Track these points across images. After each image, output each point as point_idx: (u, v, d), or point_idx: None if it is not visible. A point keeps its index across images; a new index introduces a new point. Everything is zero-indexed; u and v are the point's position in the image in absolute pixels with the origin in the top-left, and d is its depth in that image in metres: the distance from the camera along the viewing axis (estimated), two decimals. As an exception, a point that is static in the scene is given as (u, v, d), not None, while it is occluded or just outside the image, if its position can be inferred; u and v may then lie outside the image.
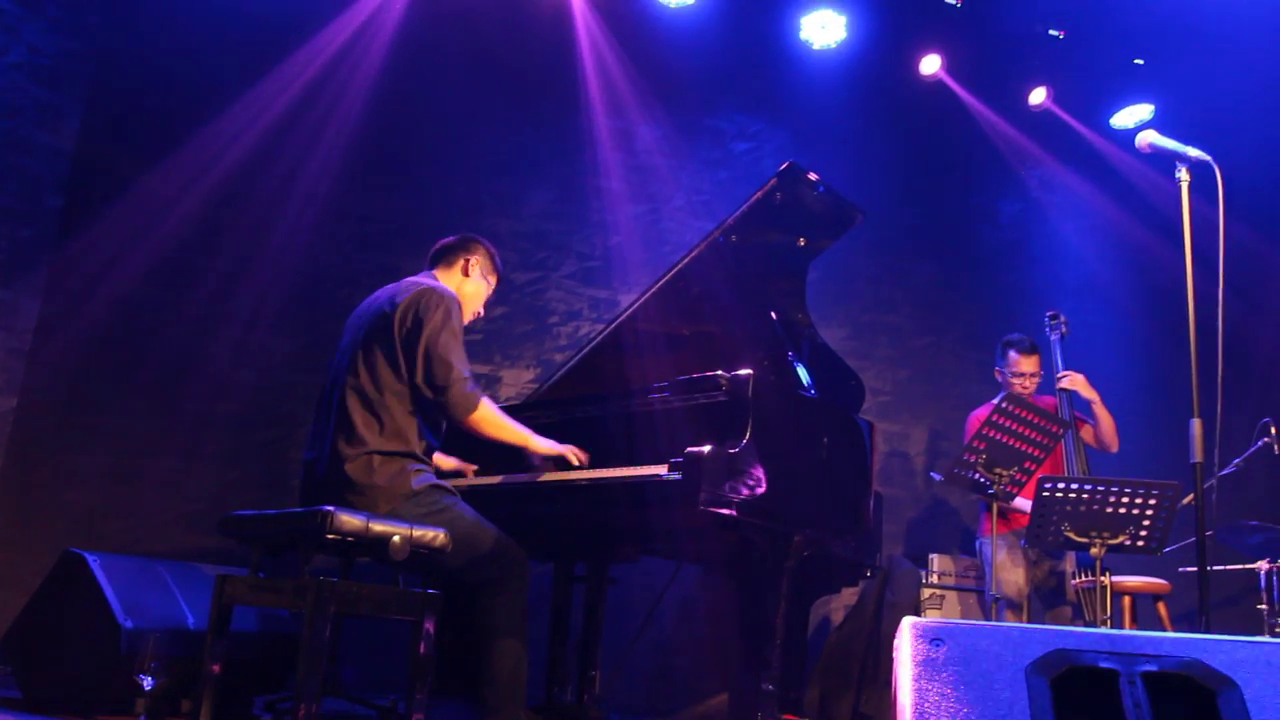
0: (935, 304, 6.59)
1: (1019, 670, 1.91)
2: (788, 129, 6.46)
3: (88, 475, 4.88)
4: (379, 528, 2.89)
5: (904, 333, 6.49)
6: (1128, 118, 6.61)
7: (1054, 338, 5.01)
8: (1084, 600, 4.60)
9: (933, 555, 5.22)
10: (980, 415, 4.70)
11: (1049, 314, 5.08)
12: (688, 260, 3.92)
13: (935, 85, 6.55)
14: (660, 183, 6.16)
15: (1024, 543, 4.60)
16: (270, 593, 3.03)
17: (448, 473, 3.73)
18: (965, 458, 4.04)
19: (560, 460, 3.45)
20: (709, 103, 6.39)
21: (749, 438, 3.17)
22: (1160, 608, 4.79)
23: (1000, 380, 5.01)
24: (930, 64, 6.47)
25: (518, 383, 5.64)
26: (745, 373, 3.27)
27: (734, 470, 3.11)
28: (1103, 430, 4.89)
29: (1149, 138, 3.47)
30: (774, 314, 3.94)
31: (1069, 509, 3.75)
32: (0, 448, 4.75)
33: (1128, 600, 4.74)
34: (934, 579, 5.16)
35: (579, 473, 3.41)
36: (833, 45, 6.31)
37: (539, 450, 3.41)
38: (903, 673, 1.89)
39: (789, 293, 4.14)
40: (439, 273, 3.55)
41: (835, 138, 6.33)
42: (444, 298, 3.30)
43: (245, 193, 5.29)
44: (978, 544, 5.10)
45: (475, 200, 5.79)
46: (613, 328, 4.05)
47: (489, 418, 3.32)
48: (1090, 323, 6.01)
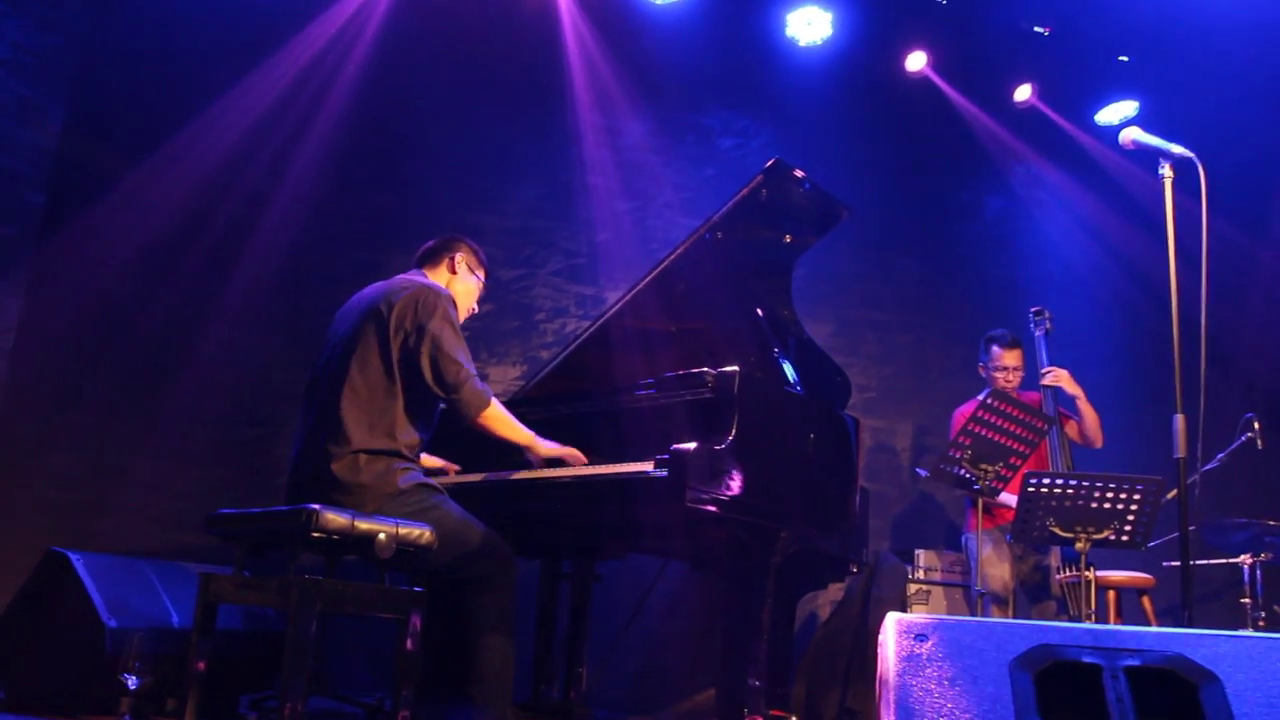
0: (921, 300, 6.61)
1: (1003, 665, 1.92)
2: (774, 126, 6.46)
3: (71, 474, 4.85)
4: (364, 526, 2.88)
5: (890, 329, 6.50)
6: (1112, 114, 6.62)
7: (1038, 334, 5.03)
8: (1069, 595, 4.63)
9: (919, 551, 5.23)
10: (965, 411, 4.72)
11: (1033, 310, 5.10)
12: (674, 257, 3.92)
13: (921, 82, 6.55)
14: (647, 179, 6.16)
15: (1009, 538, 4.62)
16: (255, 591, 3.02)
17: (431, 471, 3.72)
18: (950, 453, 4.05)
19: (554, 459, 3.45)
20: (695, 99, 6.38)
21: (735, 434, 3.18)
22: (1145, 602, 4.82)
23: (984, 375, 5.04)
24: (916, 61, 6.48)
25: (504, 380, 5.63)
26: (731, 369, 3.27)
27: (720, 467, 3.11)
28: (1087, 426, 4.92)
29: (1132, 134, 3.48)
30: (760, 310, 3.95)
31: (1054, 504, 3.77)
32: (-17, 446, 4.72)
33: (1112, 595, 4.77)
34: (920, 574, 5.17)
35: (565, 470, 3.40)
36: (819, 42, 6.31)
37: (542, 453, 3.39)
38: (887, 668, 1.90)
39: (775, 289, 4.14)
40: (427, 272, 3.55)
41: (821, 135, 6.33)
42: (440, 295, 3.30)
43: (229, 190, 5.26)
44: (963, 539, 5.11)
45: (461, 197, 5.77)
46: (599, 325, 4.04)
47: (500, 416, 3.31)
48: (1075, 319, 6.03)
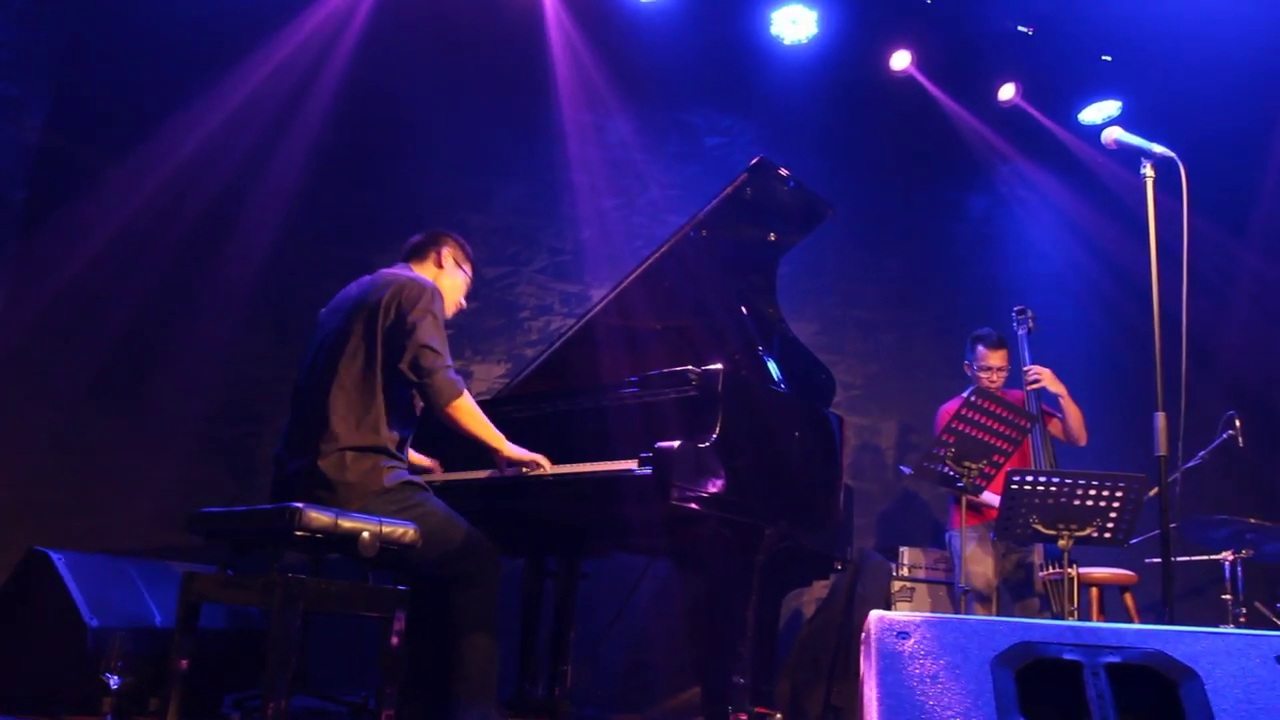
0: (905, 298, 6.63)
1: (985, 663, 1.92)
2: (759, 124, 6.47)
3: (52, 472, 4.81)
4: (348, 524, 2.88)
5: (874, 327, 6.52)
6: (1095, 114, 6.66)
7: (1021, 332, 5.06)
8: (1052, 592, 4.65)
9: (903, 548, 5.25)
10: (949, 409, 4.74)
11: (1016, 309, 5.13)
12: (658, 255, 3.92)
13: (906, 81, 6.57)
14: (632, 177, 6.16)
15: (993, 535, 4.64)
16: (238, 590, 3.01)
17: (417, 469, 3.71)
18: (934, 451, 4.06)
19: (531, 447, 3.45)
20: (680, 97, 6.38)
21: (719, 433, 3.18)
22: (1127, 598, 4.85)
23: (969, 374, 5.06)
24: (901, 60, 6.50)
25: (488, 378, 5.62)
26: (715, 368, 3.28)
27: (704, 465, 3.11)
28: (1070, 424, 4.94)
29: (1114, 134, 3.50)
30: (744, 308, 3.95)
31: (1037, 502, 3.79)
32: (-37, 444, 4.68)
33: (1095, 591, 4.80)
34: (904, 572, 5.19)
35: (549, 468, 3.40)
36: (804, 41, 6.32)
37: (509, 455, 3.39)
38: (869, 666, 1.91)
39: (760, 287, 4.15)
40: (414, 266, 3.55)
41: (806, 133, 6.34)
42: (425, 287, 3.30)
43: (213, 187, 5.22)
44: (947, 536, 5.13)
45: (446, 194, 5.76)
46: (583, 322, 4.04)
47: (468, 409, 3.30)
48: (1058, 317, 6.06)
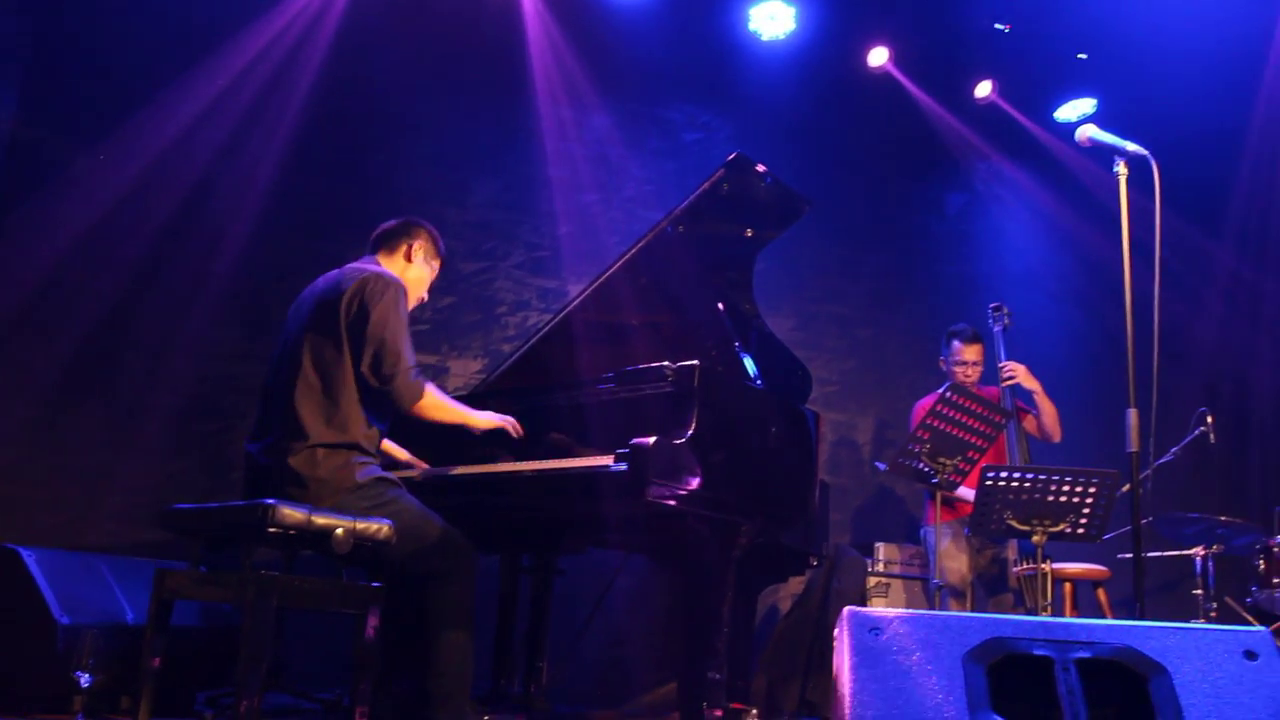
0: (882, 295, 6.65)
1: (957, 658, 1.93)
2: (737, 120, 6.47)
3: (22, 467, 4.77)
4: (321, 521, 2.86)
5: (851, 323, 6.54)
6: (1071, 111, 6.70)
7: (997, 329, 5.08)
8: (1025, 587, 4.68)
9: (878, 544, 5.27)
10: (925, 405, 4.76)
11: (992, 306, 5.15)
12: (635, 250, 3.91)
13: (883, 77, 6.59)
14: (609, 173, 6.15)
15: (967, 531, 4.66)
16: (211, 586, 2.99)
17: (398, 464, 3.70)
18: (910, 447, 4.08)
19: (507, 442, 3.44)
20: (658, 93, 6.38)
21: (695, 428, 3.18)
22: (1100, 594, 4.88)
23: (944, 370, 5.08)
24: (878, 56, 6.51)
25: (465, 373, 5.61)
26: (691, 363, 3.28)
27: (680, 461, 3.11)
28: (1045, 420, 4.97)
29: (1088, 132, 3.52)
30: (721, 304, 3.95)
31: (1011, 497, 3.81)
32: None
33: (1068, 587, 4.83)
34: (880, 567, 5.21)
35: (525, 464, 3.40)
36: (781, 37, 6.32)
37: (478, 425, 3.41)
38: (842, 661, 1.91)
39: (736, 283, 4.15)
40: (381, 258, 3.52)
41: (784, 129, 6.35)
42: (390, 284, 3.27)
43: (186, 180, 5.18)
44: (922, 532, 5.16)
45: (422, 189, 5.74)
46: (560, 318, 4.04)
47: (433, 402, 3.31)
48: (1033, 314, 6.10)
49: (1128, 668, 1.94)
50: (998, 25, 6.45)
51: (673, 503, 3.09)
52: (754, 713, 4.67)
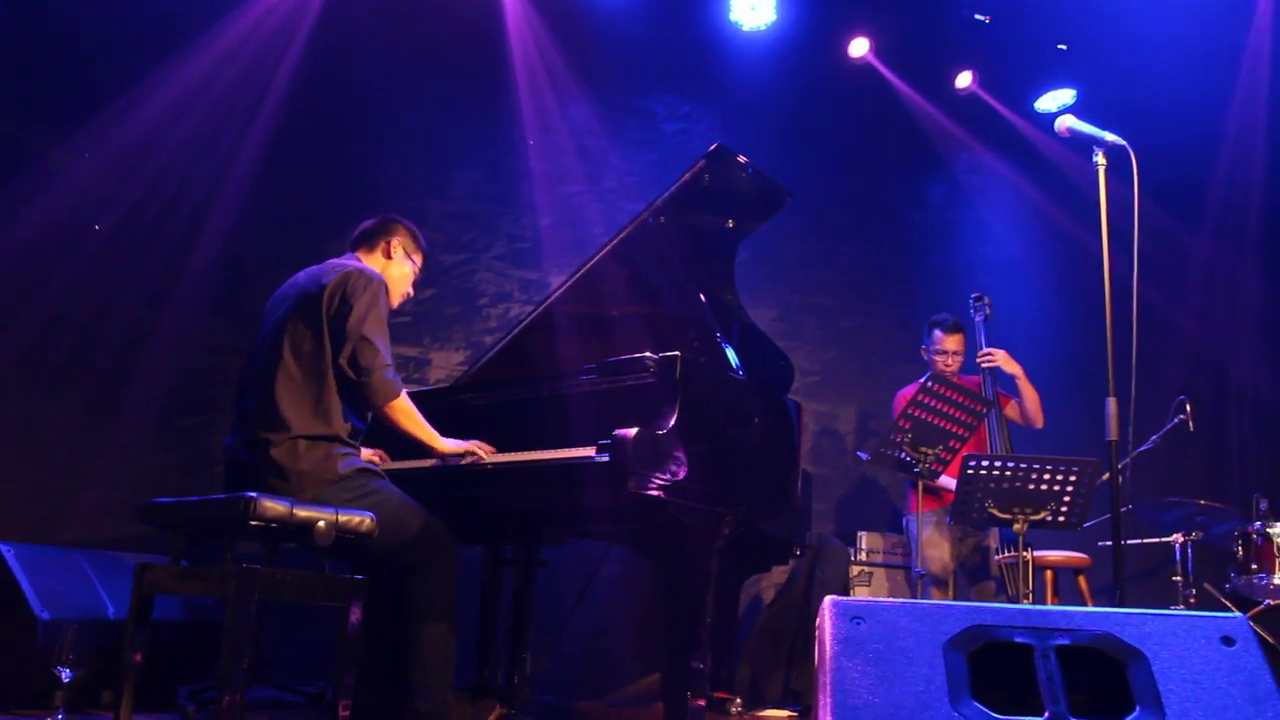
0: (863, 285, 6.66)
1: (937, 646, 1.94)
2: (718, 110, 6.46)
3: (0, 462, 4.73)
4: (303, 513, 2.85)
5: (832, 314, 6.55)
6: (1051, 102, 6.72)
7: (978, 319, 5.11)
8: (1007, 575, 4.71)
9: (861, 533, 5.29)
10: (906, 394, 4.78)
11: (973, 296, 5.17)
12: (616, 242, 3.91)
13: (864, 68, 6.60)
14: (590, 164, 6.13)
15: (949, 520, 4.68)
16: (192, 581, 2.98)
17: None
18: (891, 437, 4.10)
19: (489, 434, 3.44)
20: (639, 83, 6.37)
21: (677, 419, 3.18)
22: (1081, 581, 4.92)
23: (926, 359, 5.10)
24: (859, 47, 6.52)
25: (447, 365, 5.59)
26: (672, 354, 3.28)
27: (662, 452, 3.12)
28: (1027, 405, 4.99)
29: (1067, 122, 3.54)
30: (703, 295, 3.95)
31: (993, 486, 3.83)
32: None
33: (1049, 574, 4.87)
34: (862, 556, 5.23)
35: (507, 455, 3.39)
36: (762, 27, 6.32)
37: (444, 450, 3.39)
38: (824, 650, 1.92)
39: (718, 274, 4.15)
40: (361, 255, 3.51)
41: (765, 120, 6.35)
42: (371, 279, 3.27)
43: (163, 172, 5.13)
44: (904, 521, 5.18)
45: (402, 181, 5.71)
46: (542, 309, 4.03)
47: (405, 409, 3.30)
48: (1014, 304, 6.12)
49: (1107, 654, 1.95)
50: (978, 16, 6.47)
51: (655, 493, 3.09)
52: (737, 702, 4.70)
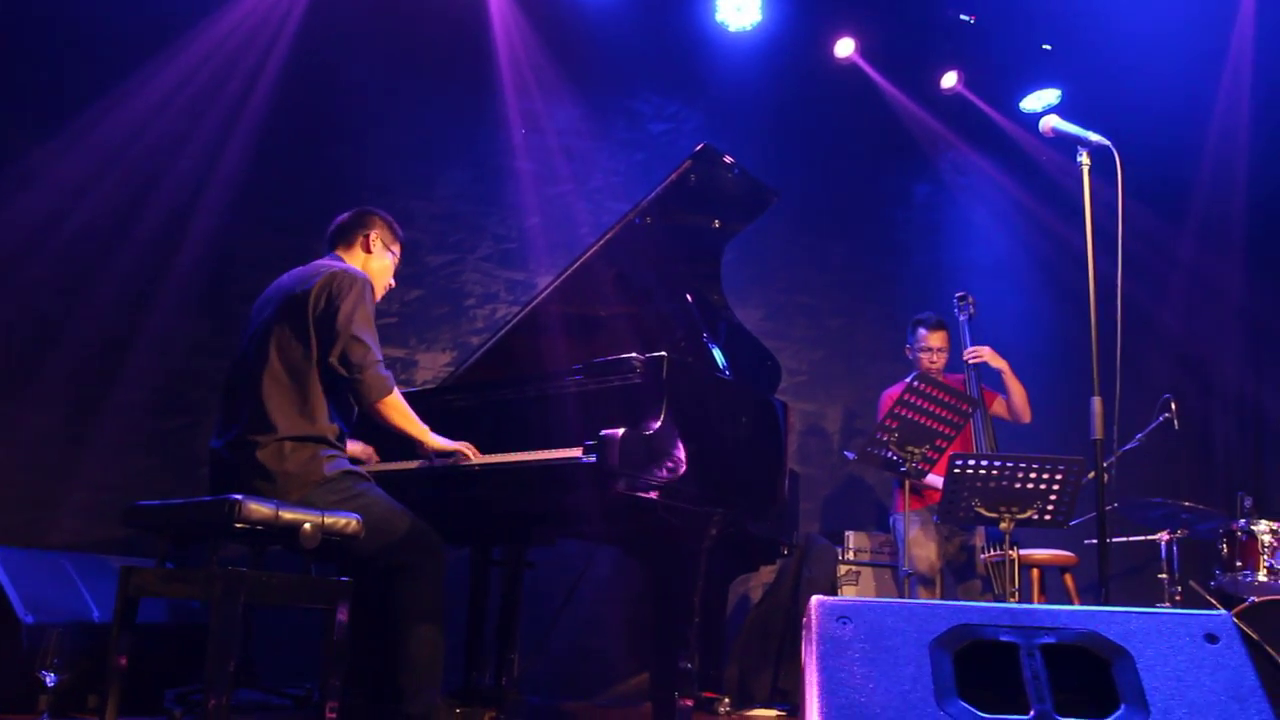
0: (850, 285, 6.68)
1: (923, 645, 1.95)
2: (704, 110, 6.47)
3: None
4: (289, 515, 2.84)
5: (819, 313, 6.56)
6: (1036, 102, 6.74)
7: (962, 318, 5.12)
8: (993, 573, 4.72)
9: (848, 532, 5.31)
10: (892, 394, 4.79)
11: (958, 295, 5.19)
12: (603, 242, 3.90)
13: (849, 68, 6.62)
14: (577, 164, 6.13)
15: (936, 518, 4.69)
16: (178, 583, 2.97)
17: (355, 459, 3.68)
18: (878, 436, 4.11)
19: (476, 435, 3.43)
20: (626, 84, 6.36)
21: (664, 419, 3.18)
22: (1067, 579, 4.94)
23: (910, 357, 5.11)
24: (844, 47, 6.53)
25: (434, 366, 5.58)
26: (659, 355, 3.28)
27: (649, 452, 3.12)
28: (1014, 401, 5.00)
29: (1051, 122, 3.55)
30: (690, 295, 3.96)
31: (979, 485, 3.84)
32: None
33: (1036, 573, 4.88)
34: (850, 555, 5.25)
35: (494, 456, 3.39)
36: (748, 27, 6.33)
37: (434, 446, 3.38)
38: (810, 650, 1.92)
39: (705, 274, 4.15)
40: (341, 253, 3.51)
41: (751, 120, 6.35)
42: (356, 279, 3.27)
43: (147, 172, 5.10)
44: (891, 520, 5.19)
45: (389, 182, 5.69)
46: (528, 310, 4.02)
47: (398, 405, 3.30)
48: (999, 303, 6.14)
49: (1092, 652, 1.96)
50: (963, 16, 6.49)
51: (642, 494, 3.09)
52: (726, 701, 4.71)
